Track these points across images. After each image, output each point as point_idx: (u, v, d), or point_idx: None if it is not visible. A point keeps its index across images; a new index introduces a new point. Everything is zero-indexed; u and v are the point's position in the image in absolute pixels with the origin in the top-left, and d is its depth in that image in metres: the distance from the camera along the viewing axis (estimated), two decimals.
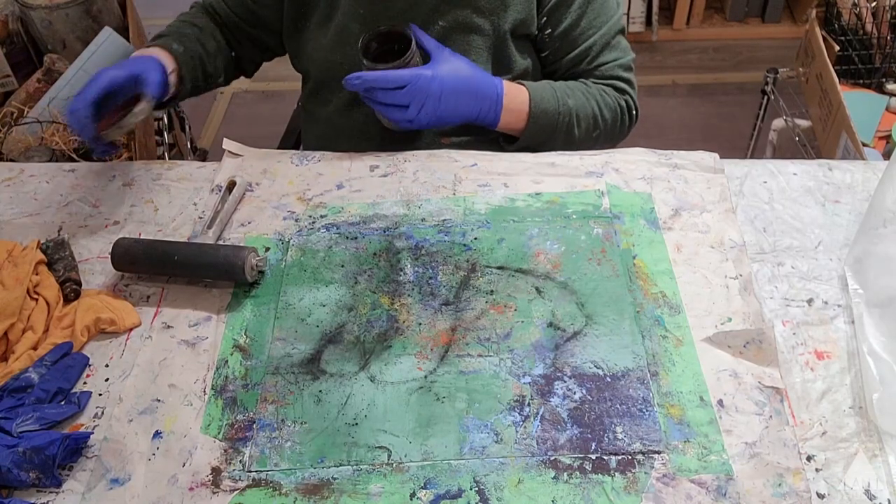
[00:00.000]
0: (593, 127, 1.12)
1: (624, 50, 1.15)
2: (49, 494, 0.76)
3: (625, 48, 1.16)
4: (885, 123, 1.55)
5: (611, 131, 1.15)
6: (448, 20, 1.07)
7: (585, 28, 1.10)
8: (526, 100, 1.07)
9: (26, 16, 1.53)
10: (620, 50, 1.15)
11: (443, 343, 0.86)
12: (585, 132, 1.11)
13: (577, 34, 1.11)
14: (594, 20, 1.11)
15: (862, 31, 1.67)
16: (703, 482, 0.74)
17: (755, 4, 2.86)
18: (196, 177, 1.09)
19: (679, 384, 0.81)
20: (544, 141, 1.10)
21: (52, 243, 0.98)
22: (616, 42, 1.14)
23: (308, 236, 0.98)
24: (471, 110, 1.05)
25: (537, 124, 1.07)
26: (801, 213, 0.98)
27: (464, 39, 1.08)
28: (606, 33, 1.12)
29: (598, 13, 1.11)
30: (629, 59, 1.16)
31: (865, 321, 0.84)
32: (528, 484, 0.74)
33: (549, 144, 1.10)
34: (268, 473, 0.76)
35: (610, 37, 1.13)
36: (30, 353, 0.86)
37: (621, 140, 1.19)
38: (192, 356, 0.87)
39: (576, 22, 1.10)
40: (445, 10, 1.07)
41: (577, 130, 1.10)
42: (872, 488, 0.73)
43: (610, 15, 1.12)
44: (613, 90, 1.14)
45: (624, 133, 1.18)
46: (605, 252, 0.94)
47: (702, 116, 2.58)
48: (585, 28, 1.10)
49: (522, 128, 1.08)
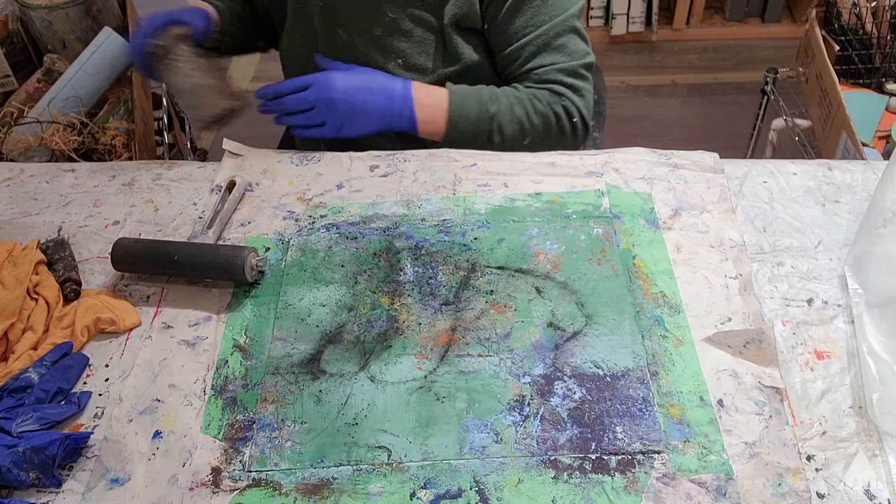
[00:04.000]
0: (520, 134, 1.08)
1: (570, 54, 1.07)
2: (49, 494, 0.76)
3: (573, 51, 1.08)
4: (885, 123, 1.55)
5: (543, 136, 1.09)
6: (396, 12, 1.08)
7: (521, 27, 1.06)
8: (444, 96, 1.06)
9: (26, 16, 1.53)
10: (565, 53, 1.07)
11: (443, 343, 0.86)
12: (511, 138, 1.08)
13: (512, 32, 1.06)
14: (532, 18, 1.05)
15: (862, 30, 1.67)
16: (702, 482, 0.74)
17: (755, 4, 2.86)
18: (196, 177, 1.09)
19: (679, 384, 0.81)
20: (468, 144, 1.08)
21: (52, 243, 0.98)
22: (561, 44, 1.07)
23: (308, 236, 0.98)
24: (382, 106, 1.04)
25: (457, 129, 1.07)
26: (801, 213, 0.98)
27: (410, 30, 1.09)
28: (545, 34, 1.06)
29: (539, 10, 1.05)
30: (576, 64, 1.07)
31: (865, 321, 0.84)
32: (528, 484, 0.74)
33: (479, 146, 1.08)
34: (268, 473, 0.76)
35: (550, 37, 1.06)
36: (30, 353, 0.86)
37: (574, 145, 1.12)
38: (192, 356, 0.87)
39: (508, 18, 1.05)
40: (395, 1, 1.08)
41: (497, 137, 1.08)
42: (872, 488, 0.73)
43: (554, 14, 1.05)
44: (548, 93, 1.08)
45: (567, 139, 1.11)
46: (605, 252, 0.94)
47: (702, 116, 2.58)
48: (521, 27, 1.06)
49: (442, 132, 1.07)
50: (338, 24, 1.11)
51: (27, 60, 1.57)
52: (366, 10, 1.09)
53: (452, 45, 1.09)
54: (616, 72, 2.66)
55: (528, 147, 1.09)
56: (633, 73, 2.74)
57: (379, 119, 1.06)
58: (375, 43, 1.10)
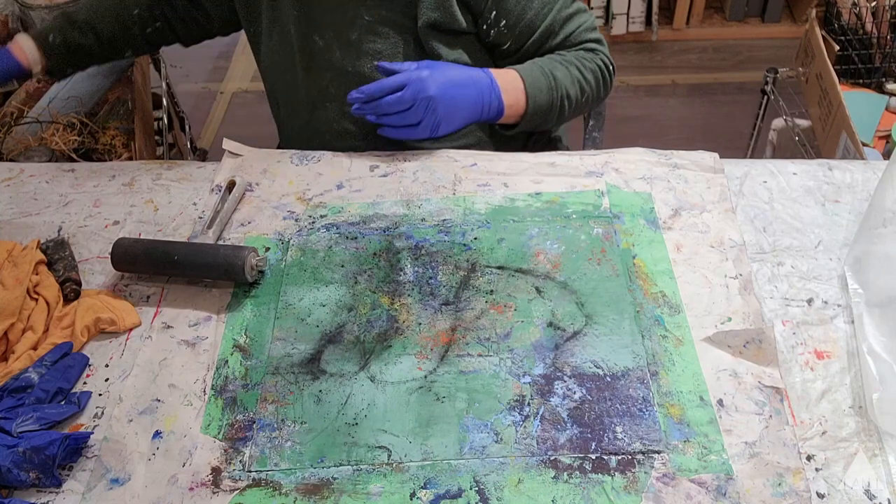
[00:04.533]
0: (580, 94, 1.12)
1: (583, 12, 1.14)
2: (49, 494, 0.76)
3: (583, 9, 1.14)
4: (885, 123, 1.55)
5: (596, 92, 1.14)
6: (372, 15, 1.08)
7: (539, 8, 1.09)
8: (516, 76, 1.07)
9: (26, 16, 1.53)
10: (581, 14, 1.13)
11: (443, 343, 0.86)
12: (576, 102, 1.11)
13: (531, 17, 1.09)
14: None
15: (862, 30, 1.67)
16: (702, 482, 0.74)
17: (755, 4, 2.86)
18: (196, 177, 1.09)
19: (679, 384, 0.81)
20: (542, 122, 1.10)
21: (52, 243, 0.98)
22: (575, 9, 1.13)
23: (308, 236, 0.98)
24: (473, 99, 1.04)
25: (536, 104, 1.07)
26: (801, 213, 0.98)
27: (385, 32, 1.09)
28: (563, 5, 1.11)
29: None
30: (591, 20, 1.15)
31: (865, 321, 0.84)
32: (528, 484, 0.74)
33: (546, 124, 1.10)
34: (268, 473, 0.76)
35: (566, 6, 1.12)
36: (30, 353, 0.86)
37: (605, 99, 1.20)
38: (192, 356, 0.87)
39: (525, 7, 1.08)
40: (371, 4, 1.08)
41: (566, 103, 1.10)
42: (872, 488, 0.73)
43: None
44: (585, 52, 1.13)
45: (607, 91, 1.17)
46: (605, 252, 0.94)
47: (702, 116, 2.58)
48: (539, 8, 1.09)
49: (523, 110, 1.08)
50: (314, 31, 1.11)
51: None
52: (342, 15, 1.09)
53: (430, 46, 1.09)
54: (616, 72, 2.65)
55: (583, 107, 1.14)
56: (633, 73, 2.73)
57: (470, 112, 1.05)
58: (352, 46, 1.10)
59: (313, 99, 1.15)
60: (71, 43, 1.21)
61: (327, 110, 1.15)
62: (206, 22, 1.26)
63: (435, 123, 1.03)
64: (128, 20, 1.23)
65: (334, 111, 1.14)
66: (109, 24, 1.22)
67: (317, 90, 1.14)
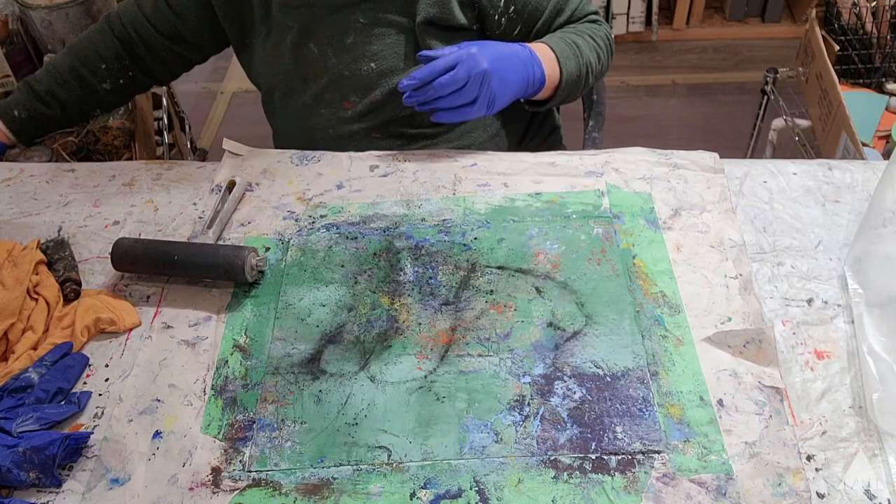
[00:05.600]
0: (597, 62, 1.13)
1: None
2: (49, 494, 0.76)
3: None
4: (885, 123, 1.55)
5: (606, 59, 1.16)
6: (368, 17, 1.08)
7: None
8: (547, 48, 1.07)
9: (26, 16, 1.53)
10: None
11: (443, 343, 0.86)
12: (596, 69, 1.13)
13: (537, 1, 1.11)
14: None
15: (862, 30, 1.67)
16: (702, 482, 0.74)
17: (755, 4, 2.86)
18: (196, 177, 1.09)
19: (679, 384, 0.81)
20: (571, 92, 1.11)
21: (52, 243, 0.98)
22: None
23: (308, 236, 0.98)
24: (520, 73, 1.03)
25: (569, 73, 1.08)
26: (801, 213, 0.98)
27: (382, 33, 1.09)
28: None
29: None
30: None
31: (865, 321, 0.84)
32: (528, 484, 0.74)
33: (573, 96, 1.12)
34: (268, 473, 0.76)
35: None
36: (30, 353, 0.86)
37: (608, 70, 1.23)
38: (192, 356, 0.87)
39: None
40: (366, 7, 1.08)
41: (588, 70, 1.11)
42: (872, 488, 0.73)
43: None
44: (590, 23, 1.15)
45: (611, 61, 1.19)
46: (605, 252, 0.94)
47: (702, 116, 2.58)
48: None
49: (558, 80, 1.08)
50: (309, 40, 1.11)
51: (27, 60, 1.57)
52: (338, 22, 1.09)
53: (427, 44, 1.09)
54: (616, 72, 2.66)
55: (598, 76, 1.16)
56: (633, 72, 2.74)
57: (519, 85, 1.04)
58: (348, 50, 1.10)
59: (308, 106, 1.15)
60: (36, 116, 1.21)
61: (321, 117, 1.15)
62: (189, 53, 1.24)
63: (491, 98, 1.01)
64: (93, 82, 1.21)
65: (329, 117, 1.15)
66: (72, 89, 1.21)
67: (311, 97, 1.14)
